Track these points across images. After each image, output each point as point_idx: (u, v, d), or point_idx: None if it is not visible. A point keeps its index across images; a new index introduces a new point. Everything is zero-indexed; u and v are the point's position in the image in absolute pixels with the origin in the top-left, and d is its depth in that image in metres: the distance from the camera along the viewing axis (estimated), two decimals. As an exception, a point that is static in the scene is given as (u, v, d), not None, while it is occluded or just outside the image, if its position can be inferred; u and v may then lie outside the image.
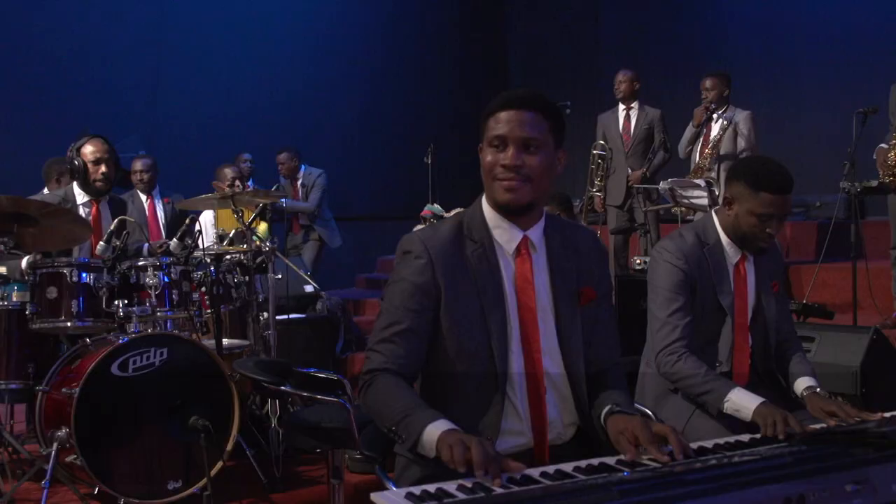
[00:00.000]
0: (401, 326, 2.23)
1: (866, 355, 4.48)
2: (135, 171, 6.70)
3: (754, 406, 2.67)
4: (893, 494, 1.71)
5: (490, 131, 2.22)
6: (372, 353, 2.27)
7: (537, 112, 2.22)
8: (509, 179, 2.20)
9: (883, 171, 5.75)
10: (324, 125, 10.55)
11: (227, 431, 4.29)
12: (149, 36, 9.52)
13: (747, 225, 2.98)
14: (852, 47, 8.45)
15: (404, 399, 2.13)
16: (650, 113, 7.37)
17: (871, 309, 5.96)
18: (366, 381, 2.24)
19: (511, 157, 2.19)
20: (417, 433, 2.03)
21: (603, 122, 7.58)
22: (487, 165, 2.23)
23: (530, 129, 2.20)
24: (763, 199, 2.91)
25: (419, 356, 2.26)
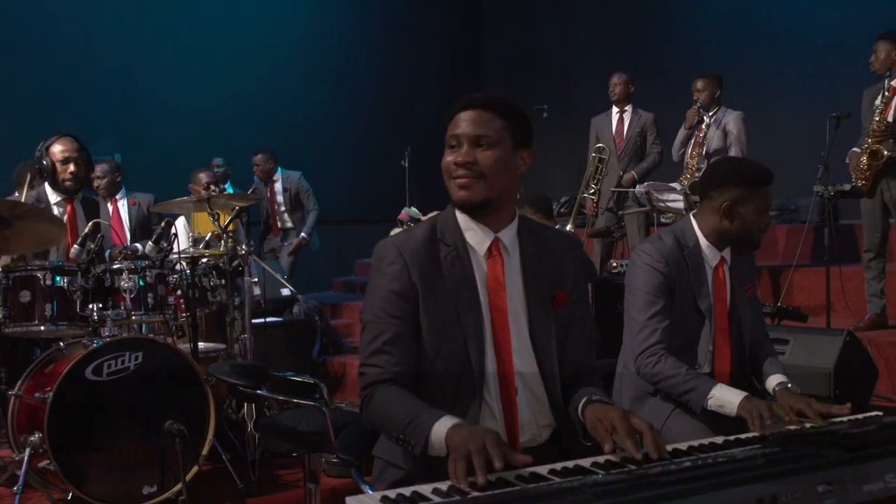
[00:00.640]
0: (388, 335, 2.23)
1: (840, 357, 4.53)
2: (96, 177, 6.60)
3: (738, 400, 2.70)
4: (864, 495, 1.72)
5: (447, 132, 2.27)
6: (366, 367, 2.26)
7: (491, 111, 2.25)
8: (462, 177, 2.23)
9: (856, 175, 5.80)
10: (301, 128, 10.52)
11: (202, 436, 4.28)
12: (124, 38, 9.46)
13: (755, 223, 3.02)
14: (826, 53, 8.53)
15: (407, 405, 2.13)
16: (643, 116, 7.38)
17: (845, 311, 6.01)
18: (366, 395, 2.23)
19: (463, 153, 2.23)
20: (426, 435, 2.03)
21: (596, 125, 7.58)
22: (444, 165, 2.27)
23: (482, 127, 2.23)
24: (764, 192, 3.00)
25: (412, 360, 2.25)
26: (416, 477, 2.14)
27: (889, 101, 5.70)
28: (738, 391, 2.75)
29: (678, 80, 7.12)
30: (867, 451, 1.80)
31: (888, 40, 5.72)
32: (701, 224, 3.12)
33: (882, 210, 5.83)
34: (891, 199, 5.73)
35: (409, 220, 6.45)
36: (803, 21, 8.98)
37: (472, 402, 2.24)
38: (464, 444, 1.86)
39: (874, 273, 5.93)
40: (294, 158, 8.87)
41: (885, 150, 5.62)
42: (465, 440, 1.88)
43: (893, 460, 1.79)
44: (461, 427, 1.99)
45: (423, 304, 2.24)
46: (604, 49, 10.64)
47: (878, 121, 5.66)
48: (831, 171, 5.80)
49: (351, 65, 11.27)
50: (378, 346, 2.23)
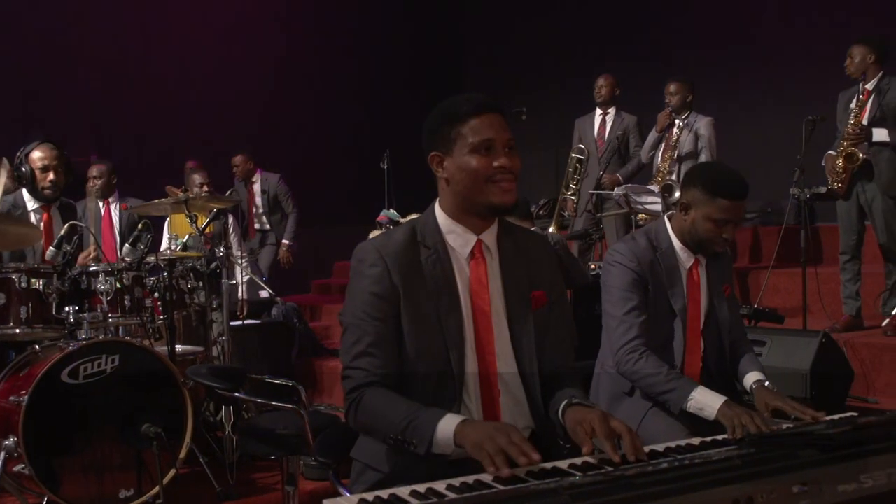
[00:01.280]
0: (371, 337, 2.23)
1: (816, 359, 4.57)
2: (91, 177, 6.56)
3: (718, 405, 2.72)
4: (839, 495, 1.74)
5: (470, 137, 2.22)
6: (351, 370, 2.24)
7: (503, 115, 2.28)
8: (509, 181, 2.23)
9: (832, 178, 5.85)
10: (279, 130, 10.50)
11: (180, 439, 4.25)
12: (102, 39, 9.39)
13: (704, 230, 3.02)
14: (802, 57, 8.59)
15: (402, 406, 2.13)
16: (626, 119, 7.40)
17: (821, 313, 6.06)
18: (353, 399, 2.22)
19: (507, 158, 2.22)
20: (430, 433, 2.03)
21: (580, 126, 7.59)
22: (476, 170, 2.22)
23: (509, 131, 2.26)
24: (720, 204, 2.96)
25: (396, 362, 2.25)
26: (395, 479, 2.14)
27: (864, 104, 5.75)
28: (718, 395, 2.77)
29: (655, 84, 7.14)
30: (842, 452, 1.81)
31: (863, 44, 5.77)
32: (673, 225, 3.15)
33: (858, 212, 5.88)
34: (866, 201, 5.79)
35: (387, 223, 6.46)
36: (779, 25, 9.05)
37: (452, 404, 2.24)
38: (491, 440, 1.89)
39: (850, 275, 5.98)
40: (273, 160, 8.85)
41: (860, 153, 5.68)
42: (491, 436, 1.90)
43: (867, 461, 1.81)
44: (472, 423, 2.00)
45: (404, 306, 2.24)
46: (582, 52, 10.66)
47: (854, 124, 5.71)
48: (807, 173, 5.85)
49: (330, 66, 11.24)
50: (362, 348, 2.22)
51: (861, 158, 5.68)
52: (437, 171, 2.30)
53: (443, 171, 2.29)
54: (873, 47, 5.75)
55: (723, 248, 3.08)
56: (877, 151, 5.69)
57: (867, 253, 6.18)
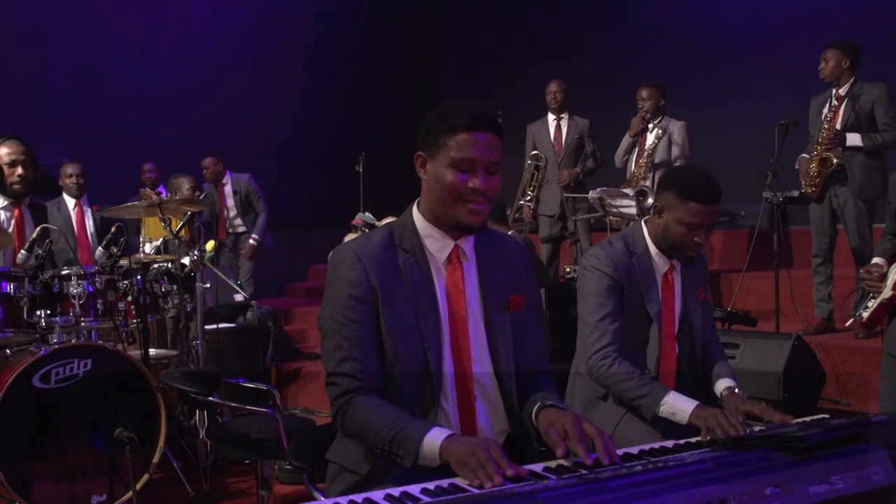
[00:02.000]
0: (352, 342, 2.22)
1: (788, 361, 4.61)
2: (69, 175, 6.51)
3: (691, 409, 2.74)
4: (811, 496, 1.75)
5: (454, 151, 2.18)
6: (336, 377, 2.23)
7: (497, 135, 2.23)
8: (479, 203, 2.21)
9: (805, 182, 5.90)
10: (255, 133, 10.46)
11: (153, 443, 4.22)
12: (74, 41, 9.32)
13: (676, 234, 3.03)
14: (774, 61, 8.67)
15: (389, 417, 2.12)
16: (580, 123, 7.45)
17: (794, 316, 6.11)
18: (339, 406, 2.21)
19: (482, 181, 2.19)
20: (416, 447, 2.03)
21: (532, 132, 7.61)
22: (450, 186, 2.20)
23: (496, 154, 2.21)
24: (691, 208, 2.96)
25: (380, 363, 2.24)
26: (370, 482, 2.14)
27: (837, 109, 5.80)
28: (690, 399, 2.78)
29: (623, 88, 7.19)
30: (813, 454, 1.83)
31: (838, 48, 5.81)
32: (648, 229, 3.16)
33: (830, 216, 5.94)
34: (839, 205, 5.84)
35: (363, 226, 6.44)
36: (752, 30, 9.12)
37: (430, 408, 2.24)
38: (472, 455, 1.90)
39: (822, 278, 6.03)
40: (248, 164, 8.81)
41: (834, 157, 5.73)
42: (472, 451, 1.91)
43: (838, 462, 1.82)
44: (457, 439, 2.00)
45: (382, 309, 2.23)
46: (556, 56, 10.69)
47: (828, 129, 5.75)
48: (779, 177, 5.90)
49: (306, 70, 11.22)
50: (344, 353, 2.22)
51: (835, 163, 5.73)
52: (420, 171, 2.29)
53: (424, 172, 2.28)
54: (848, 52, 5.79)
55: (695, 252, 3.08)
56: (850, 156, 5.74)
57: (839, 256, 6.24)
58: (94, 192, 6.87)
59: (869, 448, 1.89)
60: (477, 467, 1.86)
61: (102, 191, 7.08)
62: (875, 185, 5.71)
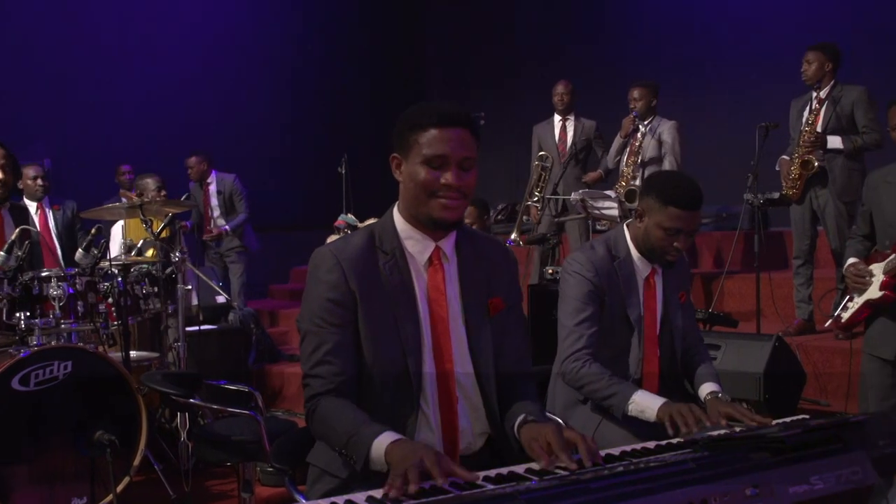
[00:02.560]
0: (329, 345, 2.22)
1: (769, 362, 4.64)
2: (31, 178, 6.44)
3: (658, 406, 2.75)
4: (790, 496, 1.76)
5: (424, 148, 2.18)
6: (309, 378, 2.24)
7: (470, 130, 2.22)
8: (452, 198, 2.20)
9: (786, 184, 5.94)
10: (237, 135, 10.42)
11: (134, 446, 4.20)
12: (55, 42, 9.25)
13: (655, 238, 3.03)
14: (756, 63, 8.71)
15: (348, 419, 2.13)
16: (586, 125, 7.46)
17: (774, 317, 6.14)
18: (310, 407, 2.23)
19: (454, 176, 2.18)
20: (366, 451, 2.03)
21: (538, 133, 7.63)
22: (423, 182, 2.19)
23: (467, 149, 2.20)
24: (671, 213, 2.96)
25: (355, 368, 2.24)
26: (351, 485, 2.14)
27: (818, 112, 5.83)
28: (657, 397, 2.80)
29: (614, 90, 7.21)
30: (793, 455, 1.84)
31: (820, 51, 5.84)
32: (630, 233, 3.17)
33: (811, 217, 5.97)
34: (819, 206, 5.88)
35: (345, 227, 6.44)
36: (734, 32, 9.16)
37: (409, 410, 2.23)
38: (403, 462, 1.88)
39: (802, 279, 6.07)
40: (230, 165, 8.77)
41: (815, 160, 5.76)
42: (405, 457, 1.90)
43: (818, 463, 1.83)
44: (401, 443, 1.99)
45: (361, 311, 2.23)
46: (541, 58, 10.72)
47: (809, 131, 5.79)
48: (760, 179, 5.93)
49: (288, 71, 11.20)
50: (321, 356, 2.22)
51: (816, 166, 5.76)
52: (395, 172, 2.28)
53: (400, 174, 2.27)
54: (830, 55, 5.83)
55: (674, 258, 3.08)
56: (831, 158, 5.78)
57: (820, 258, 6.28)
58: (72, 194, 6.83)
59: (848, 448, 1.90)
60: (396, 477, 1.82)
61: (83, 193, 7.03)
62: (855, 187, 5.74)
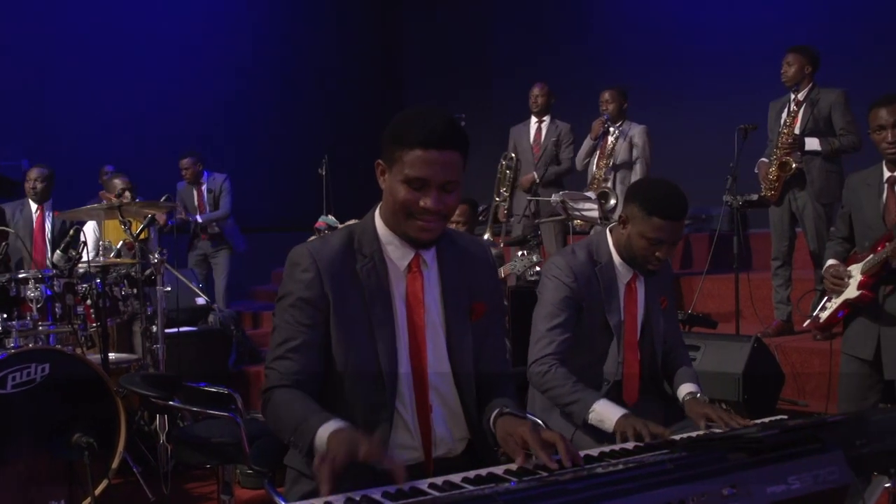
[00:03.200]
0: (295, 342, 2.21)
1: (748, 363, 4.66)
2: (28, 179, 6.50)
3: (616, 417, 2.71)
4: (768, 497, 1.77)
5: (407, 168, 2.11)
6: (268, 370, 2.25)
7: (458, 151, 2.16)
8: (430, 221, 2.17)
9: (765, 185, 5.97)
10: (218, 136, 10.37)
11: (112, 448, 4.18)
12: (33, 41, 9.19)
13: (638, 247, 3.03)
14: (735, 66, 8.75)
15: (299, 409, 2.12)
16: (560, 126, 7.52)
17: (753, 318, 6.17)
18: (265, 399, 2.23)
19: (433, 201, 2.13)
20: (310, 437, 2.02)
21: (514, 135, 7.70)
22: (402, 202, 2.15)
23: (452, 173, 2.14)
24: (654, 223, 2.95)
25: (316, 368, 2.23)
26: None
27: (796, 114, 5.87)
28: (618, 408, 2.77)
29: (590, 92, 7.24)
30: (770, 455, 1.84)
31: (800, 53, 5.87)
32: (613, 238, 3.17)
33: (790, 219, 6.01)
34: (797, 208, 5.92)
35: (325, 229, 6.41)
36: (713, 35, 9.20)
37: (385, 414, 2.22)
38: (334, 450, 1.87)
39: (781, 281, 6.11)
40: (210, 166, 8.73)
41: (793, 161, 5.80)
42: (339, 445, 1.89)
43: (795, 463, 1.84)
44: (341, 431, 1.97)
45: (333, 314, 2.21)
46: (519, 60, 10.74)
47: (787, 133, 5.82)
48: (739, 181, 5.96)
49: (268, 73, 11.16)
50: (283, 351, 2.22)
51: (794, 167, 5.80)
52: (379, 178, 2.25)
53: (383, 181, 2.23)
54: (810, 58, 5.86)
55: (656, 266, 3.08)
56: (809, 160, 5.82)
57: (798, 259, 6.32)
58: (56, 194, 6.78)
59: (825, 448, 1.91)
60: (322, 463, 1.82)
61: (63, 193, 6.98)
62: (833, 189, 5.79)
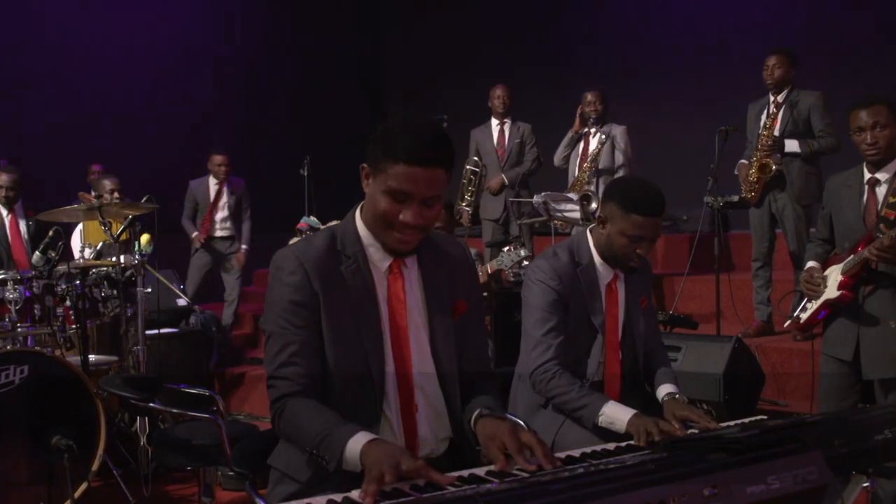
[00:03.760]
0: (295, 346, 2.20)
1: (729, 363, 4.68)
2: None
3: (627, 418, 2.76)
4: (748, 496, 1.78)
5: (390, 180, 2.12)
6: (275, 380, 2.22)
7: (444, 168, 2.16)
8: (409, 234, 2.19)
9: (745, 187, 6.00)
10: (199, 136, 10.31)
11: (92, 450, 4.16)
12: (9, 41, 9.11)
13: (618, 245, 3.05)
14: (715, 68, 8.80)
15: (320, 419, 2.11)
16: (522, 127, 7.52)
17: (734, 319, 6.20)
18: (277, 409, 2.21)
19: (413, 215, 2.14)
20: (340, 451, 2.01)
21: (476, 137, 7.66)
22: (383, 213, 2.16)
23: (436, 189, 2.15)
24: (633, 220, 2.98)
25: (319, 370, 2.23)
26: (312, 488, 2.12)
27: (775, 116, 5.90)
28: (628, 409, 2.81)
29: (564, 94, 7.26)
30: (750, 455, 1.86)
31: (784, 55, 5.89)
32: (593, 239, 3.19)
33: (769, 220, 6.04)
34: (777, 210, 5.95)
35: (307, 230, 6.39)
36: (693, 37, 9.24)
37: (371, 415, 2.23)
38: (378, 465, 1.86)
39: (761, 281, 6.14)
40: (193, 167, 8.69)
41: (773, 163, 5.83)
42: (380, 459, 1.88)
43: (774, 463, 1.85)
44: (377, 444, 1.98)
45: (324, 313, 2.22)
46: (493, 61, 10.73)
47: (766, 135, 5.86)
48: (720, 182, 5.99)
49: (250, 73, 11.11)
50: (285, 358, 2.20)
51: (774, 169, 5.83)
52: (363, 181, 2.25)
53: (367, 185, 2.24)
54: (793, 60, 5.90)
55: (636, 264, 3.10)
56: (788, 162, 5.85)
57: (778, 260, 6.36)
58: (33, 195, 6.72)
59: (804, 448, 1.93)
60: (371, 482, 1.81)
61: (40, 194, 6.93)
62: (812, 190, 5.83)
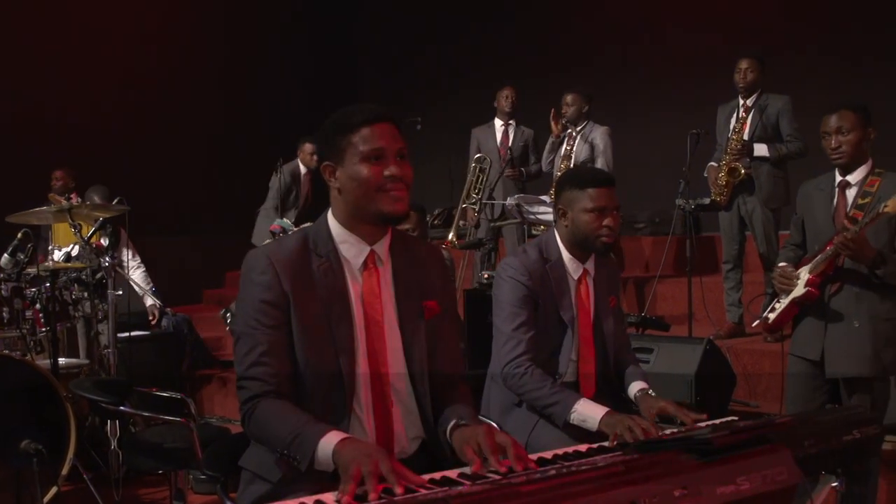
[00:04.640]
0: (264, 346, 2.20)
1: (700, 364, 4.71)
2: None
3: (600, 416, 2.77)
4: (718, 497, 1.79)
5: (361, 145, 2.21)
6: (245, 381, 2.22)
7: (398, 125, 2.28)
8: (399, 189, 2.22)
9: (714, 190, 6.05)
10: (173, 138, 10.25)
11: (62, 455, 4.12)
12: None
13: (584, 224, 3.07)
14: (686, 71, 8.85)
15: (291, 419, 2.11)
16: (525, 132, 7.57)
17: (705, 320, 6.24)
18: (247, 410, 2.20)
19: (398, 167, 2.21)
20: (311, 451, 2.01)
21: (478, 136, 7.67)
22: (366, 179, 2.20)
23: (401, 141, 2.25)
24: (591, 194, 3.05)
25: (289, 369, 2.23)
26: (283, 490, 2.12)
27: (745, 120, 5.96)
28: (600, 406, 2.82)
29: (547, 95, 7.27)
30: (720, 455, 1.87)
31: (756, 59, 5.95)
32: (560, 235, 3.21)
33: (739, 223, 6.09)
34: (747, 212, 6.00)
35: (280, 232, 6.37)
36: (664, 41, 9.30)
37: (342, 413, 2.23)
38: (353, 464, 1.86)
39: (732, 283, 6.19)
40: (162, 169, 8.64)
41: (742, 167, 5.88)
42: (355, 459, 1.88)
43: (744, 463, 1.87)
44: (349, 442, 1.98)
45: (294, 313, 2.22)
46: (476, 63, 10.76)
47: (735, 139, 5.91)
48: (692, 185, 6.03)
49: (222, 76, 11.06)
50: (254, 358, 2.20)
51: (743, 173, 5.88)
52: (330, 181, 2.28)
53: (335, 181, 2.27)
54: (763, 64, 5.96)
55: (610, 239, 3.11)
56: (757, 166, 5.91)
57: (748, 262, 6.41)
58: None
59: (773, 448, 1.95)
60: (348, 482, 1.82)
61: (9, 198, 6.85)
62: (780, 194, 5.90)
